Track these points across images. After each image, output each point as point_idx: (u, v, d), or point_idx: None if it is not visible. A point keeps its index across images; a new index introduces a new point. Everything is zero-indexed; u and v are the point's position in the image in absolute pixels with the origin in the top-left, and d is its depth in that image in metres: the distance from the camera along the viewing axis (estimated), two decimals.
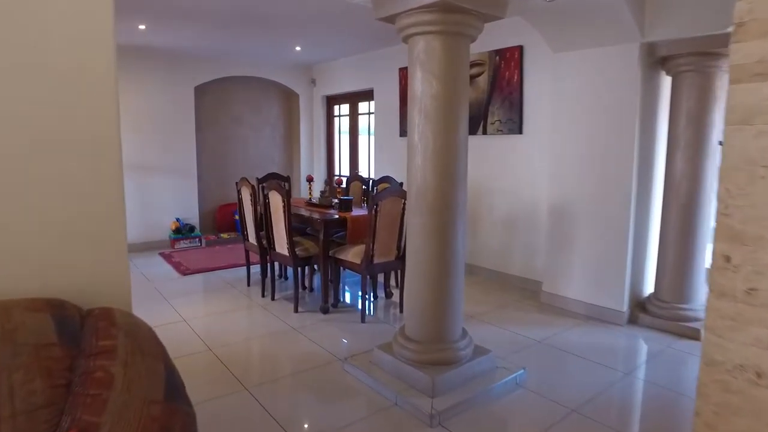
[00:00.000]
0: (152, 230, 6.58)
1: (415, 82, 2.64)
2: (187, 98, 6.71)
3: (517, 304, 4.32)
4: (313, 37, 5.67)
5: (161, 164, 6.58)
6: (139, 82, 6.33)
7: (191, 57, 6.65)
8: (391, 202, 3.77)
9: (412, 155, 2.69)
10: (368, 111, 6.94)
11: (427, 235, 2.66)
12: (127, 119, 6.29)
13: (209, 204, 7.30)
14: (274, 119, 7.83)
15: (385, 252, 3.88)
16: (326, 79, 7.50)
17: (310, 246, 4.17)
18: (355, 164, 7.27)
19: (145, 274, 5.32)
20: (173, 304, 4.30)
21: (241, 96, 7.47)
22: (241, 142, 7.55)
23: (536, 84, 4.50)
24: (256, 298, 4.50)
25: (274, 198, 4.07)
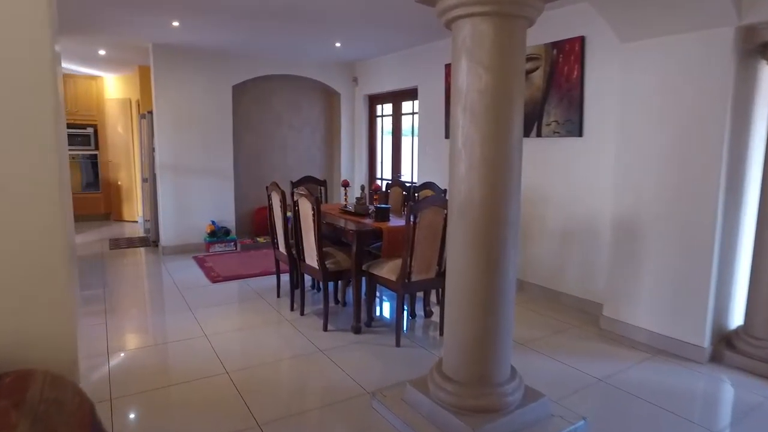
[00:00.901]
0: (187, 233, 6.42)
1: (459, 74, 2.21)
2: (224, 98, 6.50)
3: (573, 330, 3.80)
4: (353, 32, 5.32)
5: (198, 165, 6.41)
6: (176, 82, 6.17)
7: (229, 55, 6.45)
8: (432, 212, 3.35)
9: (455, 162, 2.26)
10: (412, 111, 6.53)
11: (472, 258, 2.23)
12: (165, 119, 6.15)
13: (246, 206, 7.09)
14: (314, 119, 7.54)
15: (424, 268, 3.47)
16: (368, 78, 7.15)
17: (343, 259, 3.80)
18: (398, 167, 6.88)
19: (175, 281, 5.11)
20: (197, 316, 4.04)
21: (280, 95, 7.22)
22: (280, 142, 7.30)
23: (600, 80, 3.96)
24: (284, 311, 4.18)
25: (304, 205, 3.73)
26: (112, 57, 6.80)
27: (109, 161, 8.85)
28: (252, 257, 6.13)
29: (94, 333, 3.72)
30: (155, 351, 3.40)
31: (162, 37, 5.63)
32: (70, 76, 8.43)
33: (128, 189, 8.65)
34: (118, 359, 3.26)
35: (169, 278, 5.22)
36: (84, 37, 5.68)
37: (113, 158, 8.80)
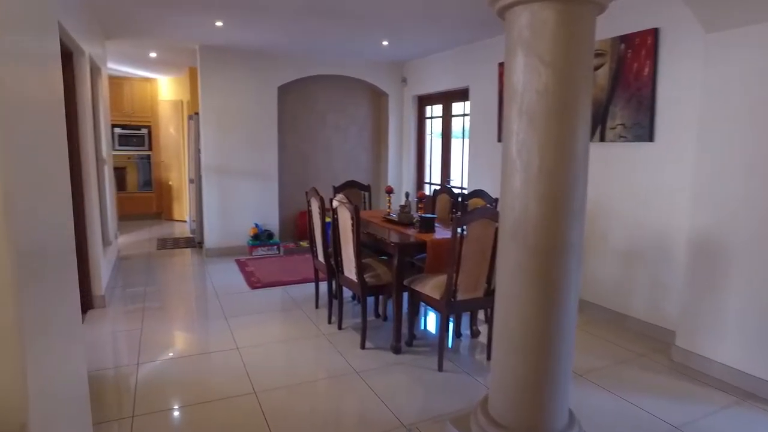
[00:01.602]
0: (231, 235, 6.35)
1: (514, 71, 1.89)
2: (270, 98, 6.39)
3: (639, 360, 3.37)
4: (401, 30, 5.05)
5: (242, 167, 6.33)
6: (222, 83, 6.11)
7: (274, 56, 6.33)
8: (481, 225, 3.03)
9: (508, 173, 1.94)
10: (463, 112, 6.19)
11: (526, 287, 1.90)
12: (210, 120, 6.09)
13: (289, 209, 6.97)
14: (361, 121, 7.33)
15: (472, 287, 3.15)
16: (417, 78, 6.86)
17: (383, 272, 3.54)
18: (447, 171, 6.55)
19: (215, 285, 5.01)
20: (231, 325, 3.89)
21: (325, 96, 7.05)
22: (325, 144, 7.14)
23: (677, 77, 3.51)
24: (321, 324, 3.96)
25: (343, 214, 3.49)
26: (163, 59, 6.84)
27: (161, 161, 9.00)
28: (294, 262, 5.98)
29: (128, 339, 3.63)
30: (185, 364, 3.25)
31: (208, 38, 5.57)
32: (126, 79, 8.62)
33: (178, 189, 8.75)
34: (147, 371, 3.13)
35: (209, 282, 5.12)
36: (134, 39, 5.70)
37: (165, 159, 8.93)
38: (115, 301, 4.51)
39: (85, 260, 4.21)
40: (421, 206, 3.83)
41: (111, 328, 3.88)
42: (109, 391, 2.92)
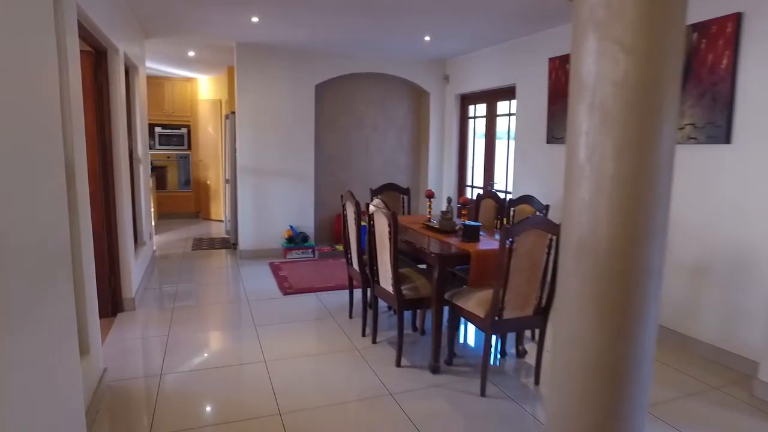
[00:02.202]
0: (265, 237, 6.20)
1: (583, 59, 1.57)
2: (307, 97, 6.21)
3: (713, 394, 2.97)
4: (444, 24, 4.75)
5: (278, 167, 6.17)
6: (258, 81, 5.96)
7: (311, 53, 6.14)
8: (532, 237, 2.71)
9: (574, 181, 1.62)
10: (508, 112, 5.83)
11: (595, 319, 1.59)
12: (246, 119, 5.96)
13: (325, 211, 6.76)
14: (400, 120, 7.06)
15: (520, 304, 2.83)
16: (461, 75, 6.54)
17: (422, 284, 3.26)
18: (491, 174, 6.20)
19: (246, 290, 4.85)
20: (260, 335, 3.69)
21: (364, 95, 6.82)
22: (363, 145, 6.90)
23: (763, 70, 3.08)
24: (355, 336, 3.71)
25: (380, 221, 3.23)
26: (201, 58, 6.77)
27: (199, 161, 8.99)
28: (329, 266, 5.77)
29: (153, 347, 3.48)
30: (208, 377, 3.06)
31: (245, 36, 5.43)
32: (167, 79, 8.65)
33: (216, 189, 8.71)
34: (169, 383, 2.95)
35: (241, 286, 4.97)
36: (172, 38, 5.62)
37: (203, 158, 8.92)
38: (146, 303, 4.40)
39: (115, 262, 4.12)
40: (464, 213, 3.53)
41: (138, 333, 3.75)
42: (127, 405, 2.75)
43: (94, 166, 3.89)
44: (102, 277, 4.02)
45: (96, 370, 2.75)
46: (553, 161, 4.83)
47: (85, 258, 2.58)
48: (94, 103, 3.87)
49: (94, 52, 3.84)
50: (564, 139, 4.57)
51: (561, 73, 4.60)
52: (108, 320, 4.01)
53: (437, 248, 3.16)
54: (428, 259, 3.13)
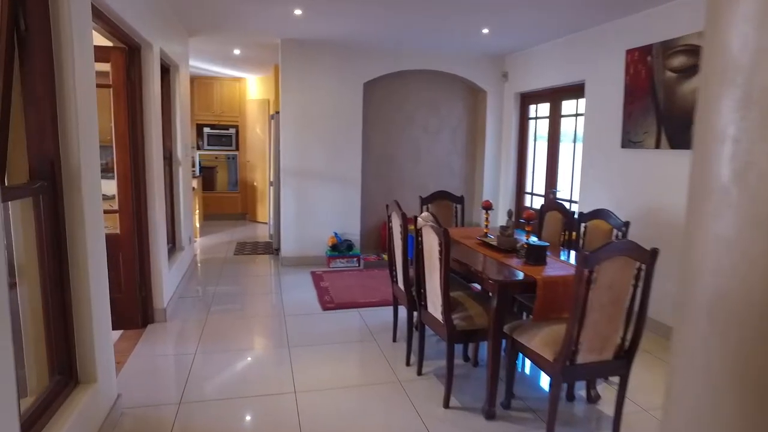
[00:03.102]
0: (308, 244, 5.89)
1: (733, 28, 1.07)
2: (354, 96, 5.84)
3: None
4: (505, 14, 4.25)
5: (323, 170, 5.84)
6: (303, 79, 5.65)
7: (359, 49, 5.76)
8: (617, 265, 2.19)
9: (708, 207, 1.13)
10: (575, 112, 5.24)
11: (735, 399, 1.09)
12: (290, 119, 5.67)
13: (372, 218, 6.37)
14: (455, 121, 6.57)
15: (598, 346, 2.32)
16: (521, 72, 5.98)
17: (477, 313, 2.79)
18: (553, 181, 5.62)
19: (284, 302, 4.52)
20: (293, 358, 3.33)
21: (416, 94, 6.38)
22: (413, 147, 6.46)
23: None
24: (398, 365, 3.29)
25: (429, 238, 2.79)
26: (247, 56, 6.55)
27: (247, 162, 8.84)
28: (374, 278, 5.37)
29: (178, 368, 3.19)
30: (231, 408, 2.72)
31: (289, 31, 5.12)
32: (216, 79, 8.54)
33: (262, 190, 8.52)
34: (187, 414, 2.63)
35: (279, 298, 4.65)
36: (216, 35, 5.40)
37: (251, 159, 8.75)
38: (178, 314, 4.15)
39: (146, 270, 3.88)
40: (528, 229, 3.02)
41: (164, 349, 3.47)
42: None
43: (124, 168, 3.66)
44: (131, 287, 3.80)
45: (105, 399, 2.46)
46: (628, 168, 4.22)
47: (92, 273, 2.28)
48: (126, 101, 3.63)
49: (126, 48, 3.61)
50: (644, 143, 3.96)
51: (641, 66, 3.99)
52: (137, 332, 3.78)
53: (496, 272, 2.68)
54: (485, 285, 2.66)
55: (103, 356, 2.43)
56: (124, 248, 3.75)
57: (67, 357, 2.24)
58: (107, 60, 3.58)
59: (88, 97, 2.28)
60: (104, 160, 3.76)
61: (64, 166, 2.15)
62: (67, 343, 2.23)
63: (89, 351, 2.30)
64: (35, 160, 2.06)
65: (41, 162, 2.07)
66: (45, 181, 2.07)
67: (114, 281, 3.77)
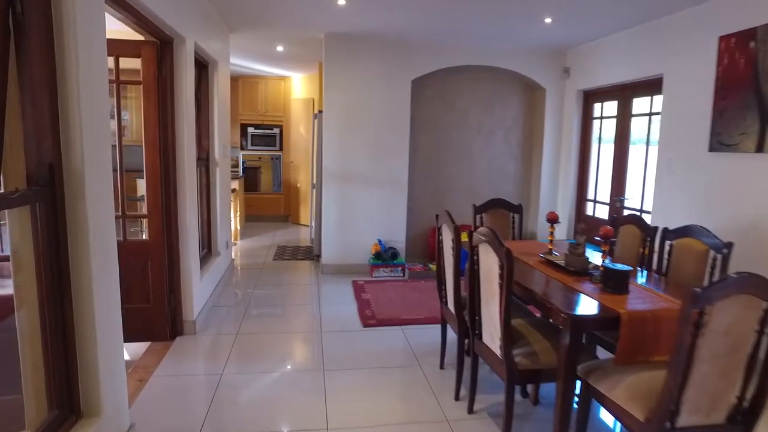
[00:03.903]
0: (350, 251, 5.54)
1: None
2: (401, 94, 5.45)
3: None
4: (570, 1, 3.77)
5: (367, 172, 5.48)
6: (346, 76, 5.31)
7: (407, 44, 5.37)
8: (737, 306, 1.70)
9: None
10: (649, 111, 4.65)
11: None
12: (333, 118, 5.34)
13: (419, 224, 5.96)
14: (509, 121, 6.07)
15: (707, 405, 1.82)
16: (585, 67, 5.43)
17: (543, 349, 2.34)
18: (620, 188, 5.04)
19: (322, 316, 4.18)
20: (327, 385, 2.97)
21: (468, 91, 5.92)
22: (465, 149, 6.00)
23: None
24: (445, 399, 2.87)
25: (487, 258, 2.36)
26: (291, 53, 6.29)
27: (290, 162, 8.61)
28: (420, 290, 4.96)
29: (202, 392, 2.89)
30: None
31: (333, 25, 4.79)
32: (261, 78, 8.35)
33: (305, 192, 8.25)
34: None
35: (317, 310, 4.31)
36: (258, 31, 5.15)
37: (294, 159, 8.52)
38: (209, 325, 3.89)
39: (176, 279, 3.62)
40: (605, 248, 2.54)
41: (190, 368, 3.19)
42: None
43: (154, 170, 3.41)
44: (160, 297, 3.55)
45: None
46: (718, 175, 3.63)
47: (99, 290, 1.99)
48: (157, 98, 3.38)
49: (157, 42, 3.35)
50: (740, 146, 3.37)
51: (740, 54, 3.40)
52: (164, 345, 3.53)
53: (568, 304, 2.22)
54: (555, 318, 2.20)
55: (112, 384, 2.14)
56: (152, 256, 3.51)
57: (67, 387, 1.95)
58: (138, 54, 3.34)
59: (97, 92, 1.99)
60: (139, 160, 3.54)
61: (65, 169, 1.86)
62: (67, 371, 1.95)
63: (93, 380, 2.01)
64: (32, 162, 1.78)
65: (39, 165, 1.79)
66: (42, 187, 1.79)
67: (141, 291, 3.55)
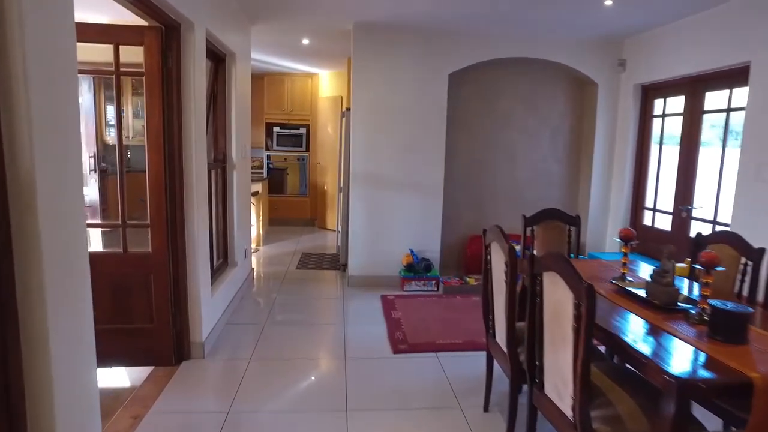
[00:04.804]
0: (379, 262, 5.06)
1: None
2: (437, 90, 4.94)
3: None
4: None
5: (398, 176, 4.99)
6: (376, 70, 4.83)
7: (444, 33, 4.85)
8: None
9: None
10: (726, 106, 4.02)
11: None
12: (361, 116, 4.87)
13: (455, 233, 5.43)
14: (556, 120, 5.49)
15: None
16: (645, 58, 4.81)
17: (629, 413, 1.79)
18: (688, 195, 4.41)
19: (347, 337, 3.71)
20: (350, 430, 2.49)
21: (510, 87, 5.36)
22: (506, 150, 5.45)
23: None
24: None
25: (555, 292, 1.83)
26: (318, 48, 5.85)
27: (317, 164, 8.19)
28: (456, 308, 4.44)
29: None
30: None
31: (363, 13, 4.32)
32: (287, 75, 7.96)
33: (333, 195, 7.82)
34: None
35: (342, 331, 3.84)
36: (282, 22, 4.74)
37: (321, 161, 8.09)
38: (220, 348, 3.46)
39: (182, 296, 3.20)
40: (707, 281, 1.96)
41: (192, 403, 2.76)
42: None
43: (157, 173, 3.00)
44: (164, 317, 3.14)
45: None
46: None
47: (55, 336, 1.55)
48: (161, 92, 2.97)
49: (162, 28, 2.94)
50: None
51: None
52: (168, 371, 3.11)
53: (660, 352, 1.67)
54: (652, 377, 1.66)
55: None
56: (155, 269, 3.10)
57: None
58: (140, 42, 2.93)
59: (59, 75, 1.55)
60: None
61: (9, 174, 1.43)
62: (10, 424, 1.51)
63: None
64: None
65: None
66: None
67: (143, 309, 3.14)
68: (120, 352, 3.12)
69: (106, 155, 4.87)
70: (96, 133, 4.90)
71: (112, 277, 3.06)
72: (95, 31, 2.88)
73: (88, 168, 4.59)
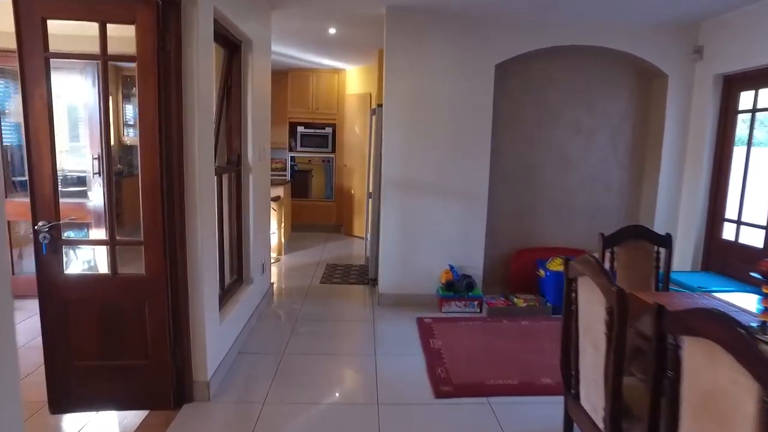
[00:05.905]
0: (414, 279, 4.46)
1: None
2: (482, 83, 4.32)
3: None
4: None
5: (436, 181, 4.38)
6: (411, 61, 4.24)
7: (490, 18, 4.22)
8: None
9: None
10: None
11: None
12: (395, 114, 4.29)
13: (499, 245, 4.78)
14: (617, 117, 4.79)
15: None
16: (727, 44, 4.10)
17: None
18: None
19: (378, 372, 3.12)
20: None
21: (563, 80, 4.69)
22: (558, 152, 4.78)
23: None
24: None
25: (708, 370, 1.20)
26: (346, 38, 5.30)
27: (344, 166, 7.63)
28: (504, 335, 3.81)
29: None
30: None
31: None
32: (312, 71, 7.43)
33: (360, 200, 7.25)
34: None
35: (371, 366, 3.25)
36: (307, 7, 4.20)
37: (348, 163, 7.53)
38: (229, 386, 2.91)
39: (183, 326, 2.66)
40: None
41: None
42: None
43: (152, 178, 2.47)
44: (161, 351, 2.60)
45: None
46: None
47: None
48: (157, 80, 2.43)
49: (159, 3, 2.40)
50: None
51: None
52: (166, 417, 2.58)
53: None
54: None
55: None
56: (151, 295, 2.57)
57: None
58: (132, 20, 2.40)
59: None
60: None
61: None
62: None
63: None
64: None
65: None
66: None
67: (137, 342, 2.60)
68: (108, 393, 2.61)
69: (122, 156, 4.43)
70: (101, 132, 4.46)
71: (100, 304, 2.54)
72: (76, 7, 2.37)
73: (92, 171, 4.18)
